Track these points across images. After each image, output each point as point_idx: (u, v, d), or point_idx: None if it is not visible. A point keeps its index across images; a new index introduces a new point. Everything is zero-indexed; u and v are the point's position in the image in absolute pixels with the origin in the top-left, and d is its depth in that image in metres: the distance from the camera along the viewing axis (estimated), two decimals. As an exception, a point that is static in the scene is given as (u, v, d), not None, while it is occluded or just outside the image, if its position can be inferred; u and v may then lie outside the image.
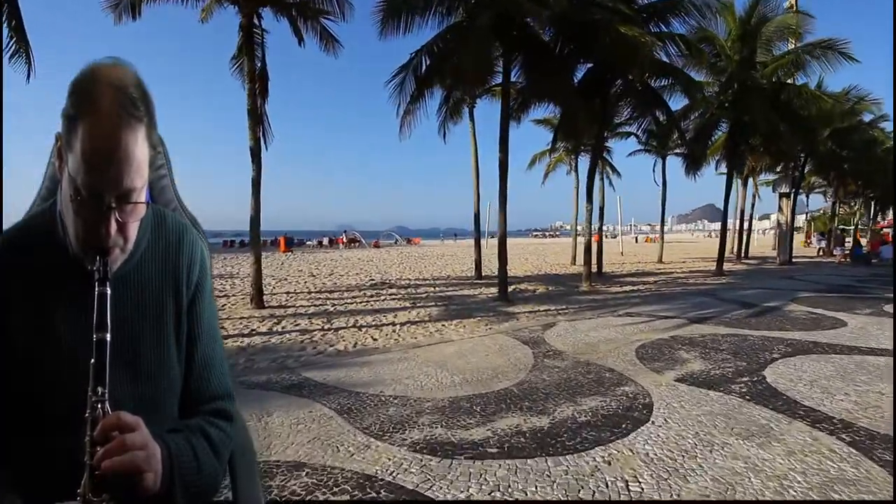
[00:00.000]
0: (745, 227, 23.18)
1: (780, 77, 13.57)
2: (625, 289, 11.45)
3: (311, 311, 8.25)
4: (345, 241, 36.18)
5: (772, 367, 4.69)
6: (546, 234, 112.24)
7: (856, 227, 30.22)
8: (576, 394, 4.02)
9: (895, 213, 28.14)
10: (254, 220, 8.30)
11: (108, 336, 0.67)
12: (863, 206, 30.23)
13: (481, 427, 3.33)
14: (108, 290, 0.69)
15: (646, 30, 9.04)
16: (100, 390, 0.65)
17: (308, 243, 38.87)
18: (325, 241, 38.09)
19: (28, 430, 0.74)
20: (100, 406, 0.65)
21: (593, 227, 12.20)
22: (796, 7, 17.13)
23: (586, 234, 11.83)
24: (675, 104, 12.72)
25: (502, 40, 8.83)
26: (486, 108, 14.12)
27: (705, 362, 4.94)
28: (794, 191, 19.33)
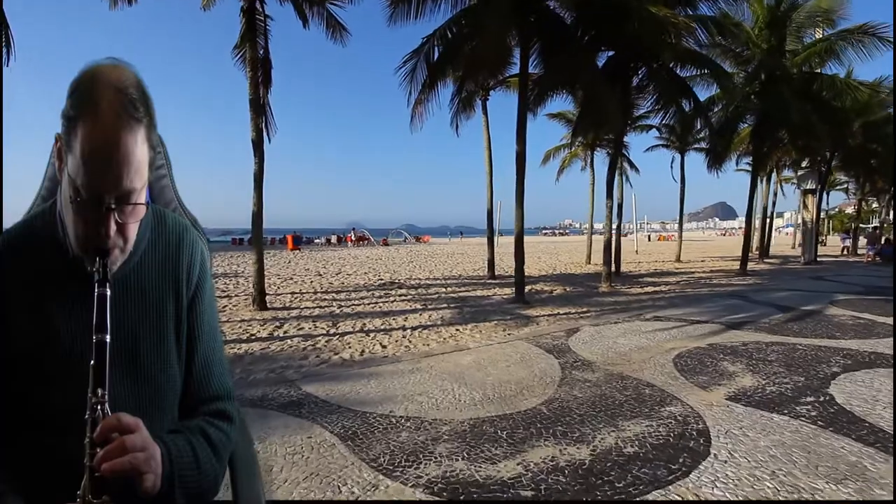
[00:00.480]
0: (762, 225, 22.32)
1: (811, 66, 12.81)
2: (646, 290, 10.84)
3: (316, 313, 7.78)
4: (353, 239, 35.76)
5: (837, 384, 4.10)
6: (556, 232, 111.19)
7: (882, 226, 29.16)
8: (615, 415, 3.48)
9: (895, 210, 27.10)
10: (256, 216, 7.84)
11: (108, 337, 0.67)
12: (889, 204, 29.10)
13: (510, 460, 2.81)
14: (108, 291, 0.69)
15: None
16: (99, 392, 0.65)
17: (316, 241, 38.59)
18: (334, 238, 37.76)
19: (28, 429, 0.74)
20: (99, 407, 0.64)
21: (611, 225, 11.55)
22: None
23: (606, 231, 11.23)
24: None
25: (520, 26, 8.27)
26: (498, 101, 13.61)
27: (756, 377, 4.36)
28: (819, 187, 18.51)
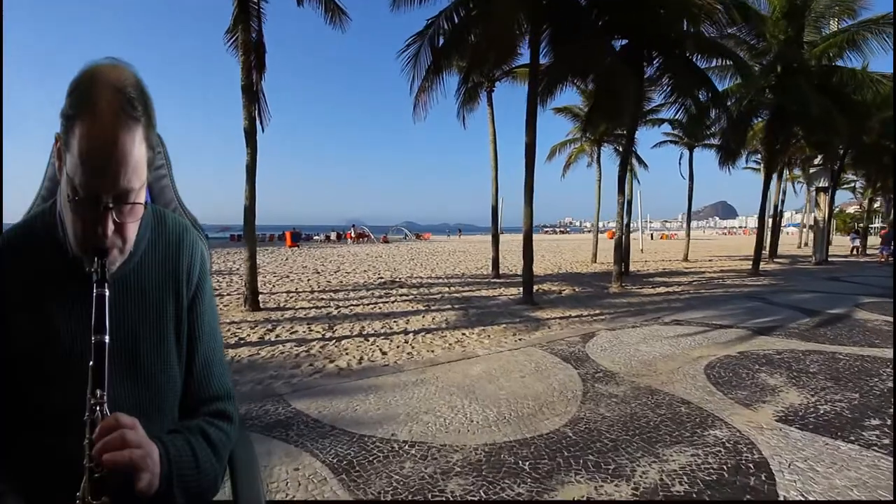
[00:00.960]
0: (772, 224, 21.80)
1: (829, 58, 12.28)
2: (658, 290, 10.36)
3: (312, 314, 7.29)
4: (353, 235, 35.23)
5: (899, 403, 3.62)
6: (557, 230, 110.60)
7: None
8: (653, 440, 3.00)
9: (895, 209, 26.62)
10: (248, 210, 7.33)
11: (107, 338, 0.67)
12: (890, 203, 28.52)
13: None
14: (107, 292, 0.69)
15: None
16: (98, 393, 0.65)
17: (316, 238, 38.08)
18: (333, 235, 37.23)
19: (28, 429, 0.73)
20: (99, 408, 0.64)
21: (622, 222, 11.04)
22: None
23: (617, 229, 10.74)
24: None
25: (530, 9, 7.75)
26: (501, 96, 13.08)
27: (803, 392, 3.88)
28: (832, 186, 18.01)
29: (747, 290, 10.48)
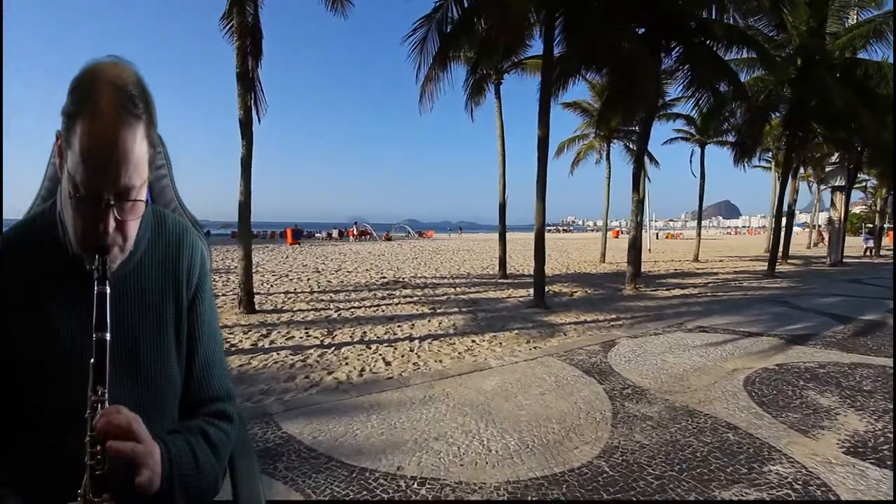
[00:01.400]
0: (785, 224, 21.25)
1: (853, 50, 11.75)
2: (674, 292, 9.88)
3: (311, 317, 6.84)
4: (355, 233, 34.78)
5: (981, 431, 3.15)
6: (559, 229, 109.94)
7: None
8: (704, 478, 2.54)
9: (894, 208, 26.00)
10: (243, 206, 6.88)
11: (108, 335, 0.66)
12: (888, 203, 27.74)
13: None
14: (108, 289, 0.68)
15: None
16: (99, 390, 0.64)
17: (317, 235, 37.68)
18: (335, 233, 36.80)
19: (28, 429, 0.72)
20: (99, 406, 0.63)
21: (637, 221, 10.54)
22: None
23: (632, 228, 10.27)
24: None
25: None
26: (509, 91, 12.57)
27: (864, 416, 3.42)
28: (848, 185, 17.47)
29: (767, 293, 9.99)
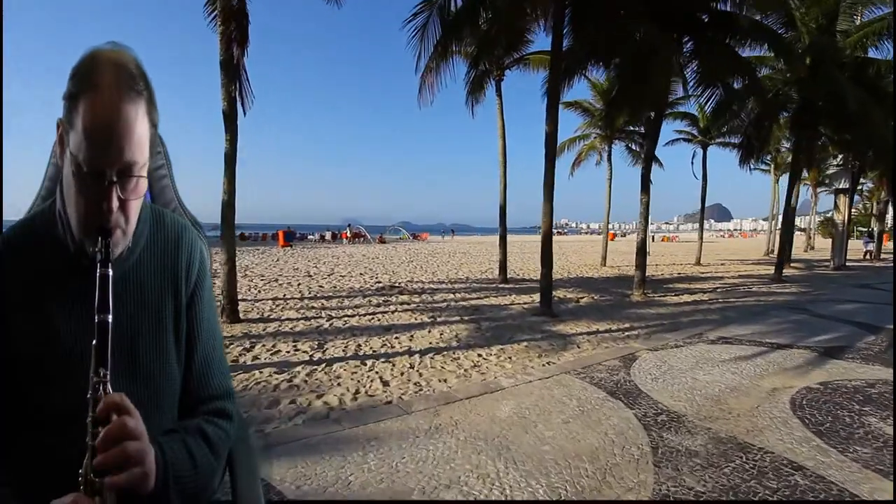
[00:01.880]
0: (790, 228, 20.94)
1: (864, 48, 11.42)
2: (684, 298, 9.43)
3: (300, 328, 6.27)
4: (349, 235, 34.13)
5: None
6: (555, 231, 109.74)
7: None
8: (785, 543, 2.03)
9: (895, 208, 25.89)
10: (226, 205, 6.30)
11: (110, 317, 0.65)
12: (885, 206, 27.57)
13: None
14: (110, 272, 0.67)
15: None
16: (102, 372, 0.63)
17: (310, 237, 36.98)
18: (328, 235, 36.13)
19: (28, 429, 0.72)
20: (101, 387, 0.63)
21: (645, 224, 10.09)
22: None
23: (640, 231, 9.81)
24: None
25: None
26: (509, 91, 12.08)
27: (943, 449, 2.93)
28: (852, 187, 17.18)
29: (781, 299, 9.57)
